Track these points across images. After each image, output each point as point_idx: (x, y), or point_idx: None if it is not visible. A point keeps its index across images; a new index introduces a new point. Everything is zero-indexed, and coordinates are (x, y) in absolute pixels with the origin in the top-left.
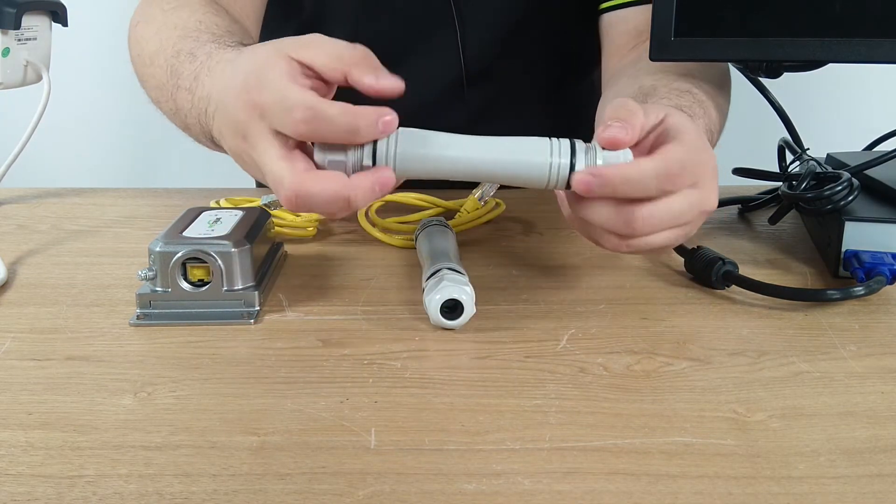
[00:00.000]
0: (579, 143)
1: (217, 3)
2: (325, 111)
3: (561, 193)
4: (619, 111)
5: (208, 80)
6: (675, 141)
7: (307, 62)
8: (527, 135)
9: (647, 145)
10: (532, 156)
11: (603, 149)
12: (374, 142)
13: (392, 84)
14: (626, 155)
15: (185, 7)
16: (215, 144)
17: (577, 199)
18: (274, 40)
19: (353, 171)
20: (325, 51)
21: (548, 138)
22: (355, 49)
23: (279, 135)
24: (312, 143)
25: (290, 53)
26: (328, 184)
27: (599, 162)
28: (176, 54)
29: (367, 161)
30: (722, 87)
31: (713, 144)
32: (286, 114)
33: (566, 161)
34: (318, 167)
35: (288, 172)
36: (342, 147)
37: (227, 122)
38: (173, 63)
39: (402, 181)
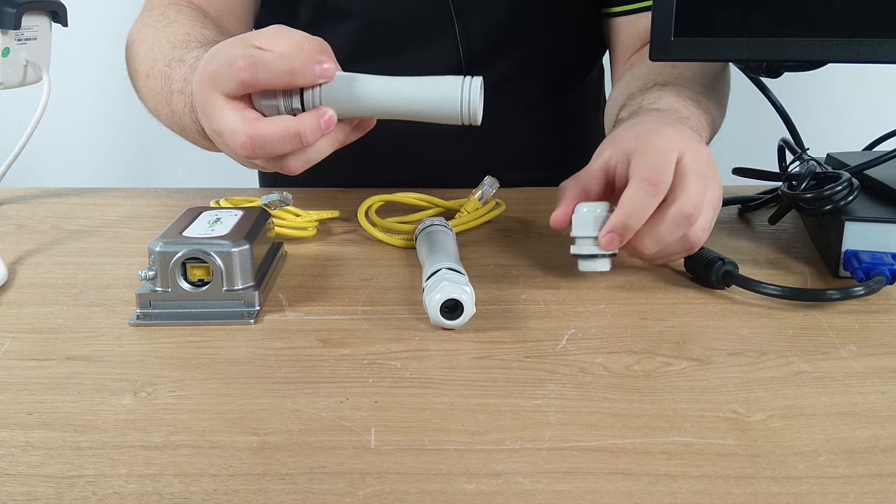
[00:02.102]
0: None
1: (206, 16)
2: (263, 56)
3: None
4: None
5: (193, 78)
6: (637, 156)
7: (266, 47)
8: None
9: (623, 175)
10: (446, 90)
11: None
12: (301, 89)
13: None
14: (603, 207)
15: (175, 24)
16: (209, 140)
17: (628, 249)
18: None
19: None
20: (285, 38)
21: (461, 76)
22: (314, 40)
23: (230, 98)
24: None
25: (251, 39)
26: (277, 124)
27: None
28: (168, 63)
29: (297, 104)
30: (711, 87)
31: (709, 130)
32: (229, 69)
33: (476, 96)
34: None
35: (240, 121)
36: (276, 93)
37: (197, 107)
38: (166, 72)
39: (357, 124)
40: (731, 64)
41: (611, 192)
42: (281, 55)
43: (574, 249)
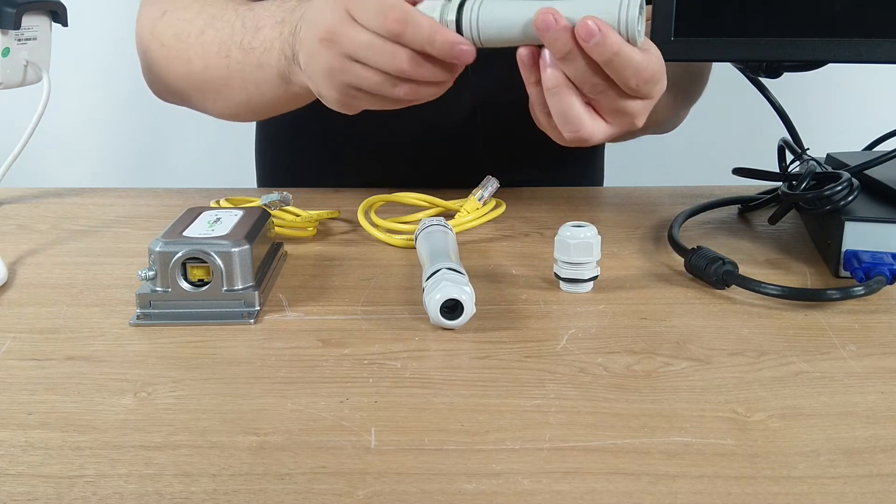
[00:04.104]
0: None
1: None
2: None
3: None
4: None
5: (304, 5)
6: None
7: None
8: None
9: None
10: (603, 6)
11: None
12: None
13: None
14: (587, 231)
15: None
16: (285, 82)
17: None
18: None
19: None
20: None
21: None
22: None
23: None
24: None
25: None
26: (429, 18)
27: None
28: (250, 8)
29: (452, 15)
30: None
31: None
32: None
33: (633, 9)
34: None
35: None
36: None
37: (325, 13)
38: (246, 14)
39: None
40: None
41: None
42: None
43: (556, 269)
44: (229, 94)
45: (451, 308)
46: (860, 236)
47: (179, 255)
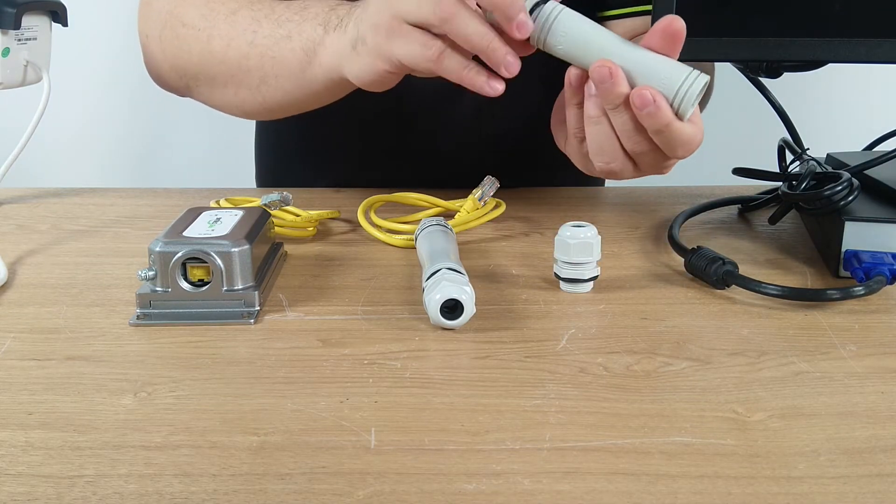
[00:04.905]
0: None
1: None
2: None
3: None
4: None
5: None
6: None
7: None
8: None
9: None
10: (668, 73)
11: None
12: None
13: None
14: (587, 231)
15: None
16: (308, 55)
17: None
18: None
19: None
20: None
21: (689, 67)
22: None
23: None
24: None
25: None
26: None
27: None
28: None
29: (529, 4)
30: None
31: None
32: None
33: (695, 93)
34: None
35: None
36: None
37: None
38: (292, 2)
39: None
40: (728, 65)
41: None
42: None
43: (556, 269)
44: (242, 77)
45: (451, 308)
46: (860, 236)
47: (179, 255)
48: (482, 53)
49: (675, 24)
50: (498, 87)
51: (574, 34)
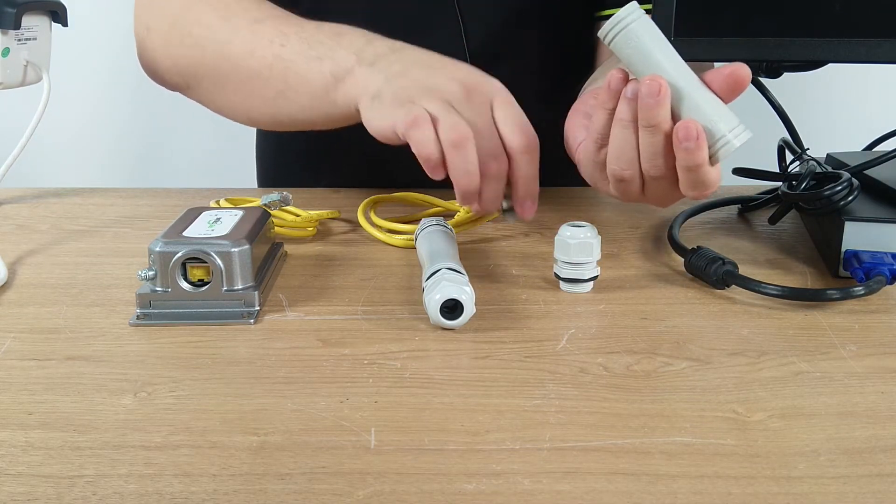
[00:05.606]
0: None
1: None
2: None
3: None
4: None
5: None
6: None
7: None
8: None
9: None
10: (716, 120)
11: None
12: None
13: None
14: (587, 231)
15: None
16: (336, 79)
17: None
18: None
19: None
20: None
21: (738, 121)
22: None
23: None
24: None
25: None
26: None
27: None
28: (337, 28)
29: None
30: None
31: None
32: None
33: (734, 146)
34: None
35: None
36: None
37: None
38: (324, 23)
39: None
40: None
41: None
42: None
43: (556, 270)
44: (258, 86)
45: (451, 308)
46: (860, 236)
47: (179, 255)
48: (458, 190)
49: (740, 71)
50: (475, 209)
51: (643, 43)
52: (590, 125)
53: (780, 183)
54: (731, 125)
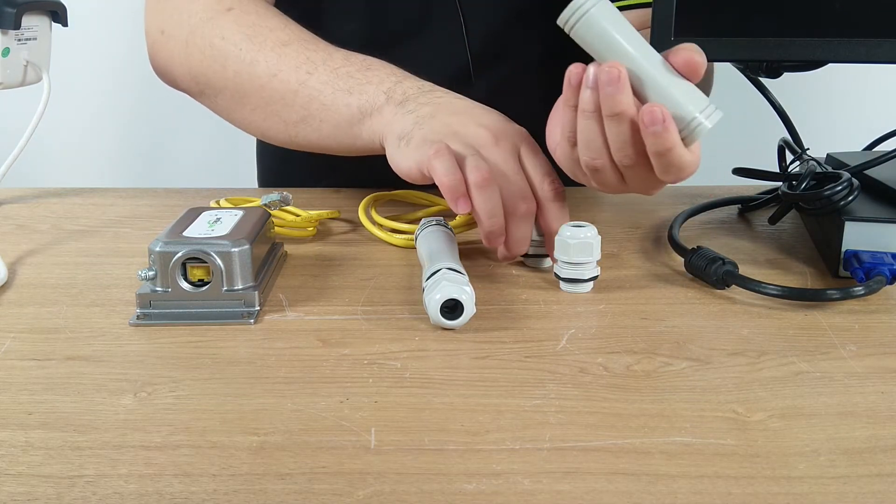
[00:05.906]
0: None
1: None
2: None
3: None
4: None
5: (418, 83)
6: None
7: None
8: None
9: None
10: (686, 101)
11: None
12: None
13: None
14: (588, 231)
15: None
16: (363, 114)
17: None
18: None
19: None
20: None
21: (708, 101)
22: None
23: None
24: None
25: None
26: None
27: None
28: (366, 63)
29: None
30: None
31: None
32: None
33: (707, 127)
34: None
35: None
36: None
37: (460, 107)
38: (351, 54)
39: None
40: (728, 65)
41: None
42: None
43: (556, 269)
44: (280, 109)
45: (451, 308)
46: (860, 236)
47: (179, 255)
48: (483, 231)
49: (696, 57)
50: (501, 253)
51: (604, 30)
52: (560, 125)
53: (781, 183)
54: (700, 106)
